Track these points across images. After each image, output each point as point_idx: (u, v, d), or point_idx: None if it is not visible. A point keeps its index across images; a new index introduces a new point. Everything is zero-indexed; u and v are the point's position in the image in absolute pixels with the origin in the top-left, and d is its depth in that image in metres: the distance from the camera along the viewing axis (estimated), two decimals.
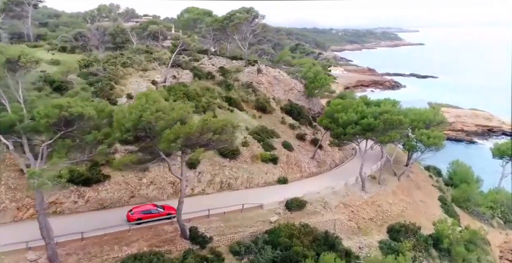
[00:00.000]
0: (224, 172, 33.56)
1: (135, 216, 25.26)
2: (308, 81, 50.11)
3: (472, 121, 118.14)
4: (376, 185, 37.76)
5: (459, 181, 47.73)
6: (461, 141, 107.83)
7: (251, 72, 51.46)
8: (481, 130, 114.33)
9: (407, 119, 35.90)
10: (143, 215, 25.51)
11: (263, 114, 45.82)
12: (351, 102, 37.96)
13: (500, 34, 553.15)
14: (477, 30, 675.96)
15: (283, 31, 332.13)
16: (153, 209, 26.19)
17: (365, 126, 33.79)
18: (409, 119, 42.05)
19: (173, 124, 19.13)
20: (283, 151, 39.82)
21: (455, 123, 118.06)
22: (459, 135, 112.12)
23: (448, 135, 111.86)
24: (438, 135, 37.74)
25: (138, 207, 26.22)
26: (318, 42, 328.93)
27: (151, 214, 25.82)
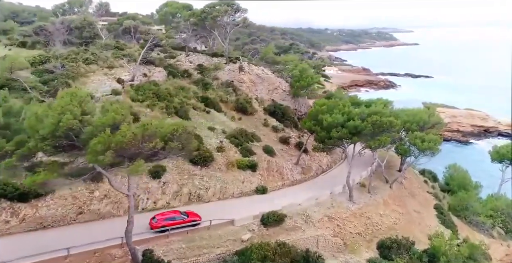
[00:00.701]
0: (194, 181, 29.67)
1: (158, 224, 23.82)
2: (294, 79, 46.39)
3: (467, 122, 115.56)
4: (366, 194, 34.11)
5: (457, 187, 44.35)
6: (457, 141, 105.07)
7: (232, 70, 47.66)
8: (477, 131, 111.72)
9: (399, 120, 32.34)
10: (167, 222, 24.02)
11: (244, 115, 42.01)
12: (336, 102, 34.30)
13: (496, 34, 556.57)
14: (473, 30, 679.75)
15: (277, 31, 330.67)
16: (177, 216, 24.81)
17: (351, 129, 30.14)
18: (402, 120, 38.59)
19: (103, 130, 15.21)
20: (264, 156, 36.02)
21: (450, 124, 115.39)
22: (455, 135, 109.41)
23: (444, 136, 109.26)
24: (434, 138, 34.22)
25: (161, 214, 24.76)
26: (313, 42, 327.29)
27: (175, 221, 24.36)
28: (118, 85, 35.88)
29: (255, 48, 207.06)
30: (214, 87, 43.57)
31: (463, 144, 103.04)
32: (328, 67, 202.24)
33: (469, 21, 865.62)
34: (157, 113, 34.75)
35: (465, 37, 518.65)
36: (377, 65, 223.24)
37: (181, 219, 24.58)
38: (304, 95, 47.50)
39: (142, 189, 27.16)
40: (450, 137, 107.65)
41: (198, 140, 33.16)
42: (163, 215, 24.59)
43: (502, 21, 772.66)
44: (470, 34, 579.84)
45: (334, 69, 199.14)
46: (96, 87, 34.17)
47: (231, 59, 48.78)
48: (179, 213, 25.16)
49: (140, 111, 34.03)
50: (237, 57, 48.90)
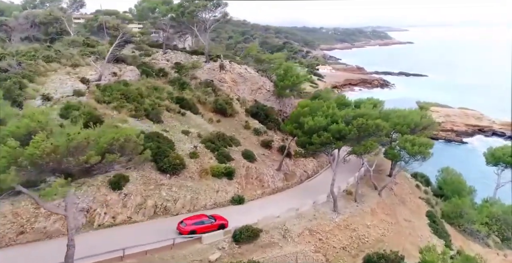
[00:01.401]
0: (161, 192, 26.70)
1: (187, 228, 23.48)
2: (278, 78, 43.54)
3: (462, 121, 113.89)
4: (352, 203, 31.42)
5: (450, 192, 41.92)
6: (451, 141, 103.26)
7: (213, 68, 44.65)
8: (471, 130, 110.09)
9: (387, 123, 29.72)
10: (196, 226, 23.71)
11: (223, 117, 39.10)
12: (320, 103, 31.53)
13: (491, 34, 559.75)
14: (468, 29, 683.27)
15: (272, 29, 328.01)
16: (205, 220, 24.47)
17: (335, 133, 27.40)
18: (392, 122, 36.06)
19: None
20: (243, 162, 33.17)
21: (444, 123, 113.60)
22: (449, 135, 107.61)
23: (438, 136, 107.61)
24: (425, 142, 31.66)
25: (189, 219, 24.46)
26: (307, 40, 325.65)
27: (204, 225, 24.06)
28: (82, 85, 32.76)
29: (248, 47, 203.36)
30: (191, 87, 40.57)
31: (458, 144, 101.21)
32: (322, 66, 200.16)
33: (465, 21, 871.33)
34: (125, 116, 31.76)
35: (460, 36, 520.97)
36: (371, 63, 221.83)
37: (209, 223, 24.36)
38: (289, 95, 44.71)
39: (99, 202, 24.15)
40: (444, 137, 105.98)
41: (169, 145, 30.36)
42: (191, 219, 24.34)
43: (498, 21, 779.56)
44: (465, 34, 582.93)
45: (328, 68, 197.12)
46: (56, 87, 31.02)
47: (212, 57, 45.77)
48: (207, 217, 24.89)
49: (105, 114, 31.01)
50: (218, 55, 45.92)
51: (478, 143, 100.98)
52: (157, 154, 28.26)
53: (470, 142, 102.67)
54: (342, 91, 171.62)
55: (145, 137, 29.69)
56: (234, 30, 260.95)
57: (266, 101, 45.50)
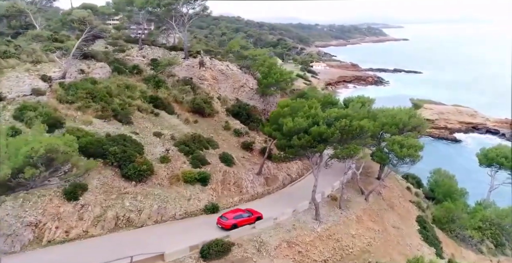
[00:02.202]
0: (124, 202, 24.19)
1: (229, 222, 24.30)
2: (261, 76, 41.04)
3: (455, 118, 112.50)
4: (336, 210, 29.21)
5: (442, 195, 39.98)
6: (444, 139, 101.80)
7: (192, 65, 41.99)
8: (465, 128, 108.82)
9: (374, 123, 27.47)
10: (237, 220, 24.62)
11: (201, 117, 36.58)
12: (302, 103, 29.10)
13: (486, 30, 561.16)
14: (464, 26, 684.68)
15: (266, 26, 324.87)
16: (243, 213, 25.51)
17: (316, 136, 25.05)
18: (380, 122, 33.84)
19: None
20: (220, 166, 30.77)
21: (438, 120, 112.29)
22: (442, 133, 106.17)
23: (431, 133, 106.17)
24: (414, 143, 29.46)
25: (229, 213, 25.35)
26: (302, 37, 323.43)
27: (243, 218, 25.03)
28: (43, 84, 29.96)
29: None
30: (168, 85, 37.92)
31: (451, 142, 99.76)
32: (316, 62, 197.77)
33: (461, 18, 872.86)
34: (90, 117, 29.13)
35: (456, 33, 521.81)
36: (366, 60, 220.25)
37: (247, 216, 25.25)
38: (273, 93, 42.25)
39: (50, 215, 21.60)
40: (438, 135, 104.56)
41: (137, 149, 27.81)
42: (231, 213, 25.24)
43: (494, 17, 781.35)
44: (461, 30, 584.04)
45: (322, 65, 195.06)
46: (11, 86, 28.20)
47: (192, 53, 43.05)
48: (243, 211, 25.84)
49: (67, 115, 28.37)
50: (198, 51, 43.23)
51: (472, 141, 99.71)
52: (122, 159, 25.77)
53: (464, 140, 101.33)
54: (336, 88, 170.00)
55: (109, 140, 27.51)
56: (228, 26, 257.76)
57: (250, 100, 43.04)
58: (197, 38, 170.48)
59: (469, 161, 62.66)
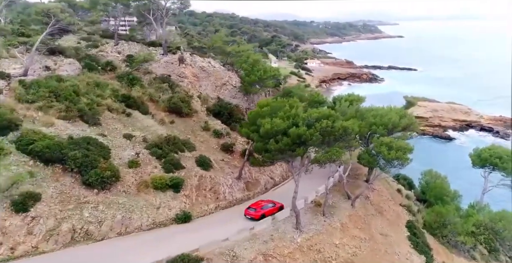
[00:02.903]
0: (83, 212, 21.91)
1: (259, 213, 25.61)
2: (244, 73, 38.74)
3: (449, 116, 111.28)
4: (320, 217, 27.20)
5: (433, 198, 38.22)
6: (438, 137, 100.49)
7: (171, 62, 39.53)
8: (459, 126, 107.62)
9: (361, 123, 25.45)
10: (265, 210, 26.00)
11: (178, 117, 34.26)
12: (282, 102, 26.93)
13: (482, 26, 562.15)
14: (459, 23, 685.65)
15: (261, 23, 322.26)
16: (269, 204, 26.94)
17: (295, 139, 22.93)
18: (368, 122, 31.86)
19: None
20: (195, 170, 28.57)
21: (432, 118, 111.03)
22: (436, 131, 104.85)
23: (425, 131, 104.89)
24: (403, 146, 27.50)
25: (256, 205, 26.51)
26: (297, 34, 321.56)
27: (269, 208, 26.41)
28: (0, 82, 27.43)
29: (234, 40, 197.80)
30: (143, 83, 35.49)
31: (444, 140, 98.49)
32: (310, 59, 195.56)
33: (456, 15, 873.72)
34: (52, 118, 26.68)
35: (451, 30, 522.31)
36: (361, 57, 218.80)
37: (272, 206, 26.71)
38: (257, 92, 40.00)
39: None
40: (432, 133, 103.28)
41: (102, 153, 25.46)
42: (258, 205, 26.51)
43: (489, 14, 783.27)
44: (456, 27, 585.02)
45: (317, 62, 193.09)
46: None
47: (171, 49, 40.57)
48: (267, 201, 27.21)
49: (26, 116, 25.91)
50: (178, 47, 40.75)
51: (466, 139, 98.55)
52: (83, 164, 23.46)
53: (458, 138, 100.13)
54: (331, 85, 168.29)
55: (71, 143, 25.06)
56: (222, 23, 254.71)
57: (232, 98, 40.76)
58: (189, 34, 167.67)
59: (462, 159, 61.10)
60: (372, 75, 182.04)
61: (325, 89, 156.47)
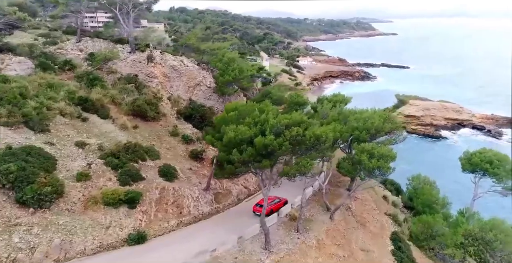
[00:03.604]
0: (11, 237, 18.84)
1: (269, 208, 26.12)
2: (218, 73, 35.76)
3: (441, 114, 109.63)
4: (293, 234, 24.52)
5: (421, 205, 35.87)
6: (429, 137, 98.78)
7: (139, 60, 36.35)
8: (451, 124, 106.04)
9: (333, 132, 22.70)
10: (273, 206, 26.86)
11: (143, 122, 31.23)
12: (252, 106, 24.08)
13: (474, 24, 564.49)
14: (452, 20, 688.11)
15: (253, 20, 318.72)
16: (275, 199, 27.58)
17: (260, 149, 20.14)
18: (350, 127, 29.20)
19: None
20: (157, 182, 25.67)
21: (424, 117, 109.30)
22: (428, 130, 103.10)
23: (417, 131, 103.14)
24: (385, 153, 24.88)
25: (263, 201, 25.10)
26: (290, 31, 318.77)
27: (275, 204, 27.30)
28: None
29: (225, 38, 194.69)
30: (105, 84, 32.32)
31: (436, 140, 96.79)
32: (302, 57, 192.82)
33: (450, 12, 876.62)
34: None
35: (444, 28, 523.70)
36: (354, 55, 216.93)
37: (278, 201, 27.64)
38: (233, 93, 37.06)
39: None
40: (423, 132, 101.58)
41: (44, 164, 22.36)
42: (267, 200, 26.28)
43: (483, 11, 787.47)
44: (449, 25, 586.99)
45: (309, 60, 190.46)
46: None
47: (140, 47, 37.36)
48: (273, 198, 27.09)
49: None
50: (147, 44, 37.57)
51: (458, 138, 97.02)
52: (17, 179, 20.38)
53: (450, 137, 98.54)
54: (323, 83, 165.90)
55: (6, 155, 21.95)
56: (213, 20, 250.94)
57: (207, 100, 37.79)
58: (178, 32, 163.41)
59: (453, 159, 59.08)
60: (364, 73, 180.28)
61: (317, 87, 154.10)
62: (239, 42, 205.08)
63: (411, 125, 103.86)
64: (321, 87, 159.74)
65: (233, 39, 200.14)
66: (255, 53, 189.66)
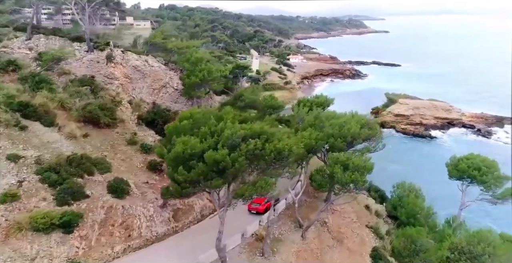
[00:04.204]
0: None
1: (263, 206, 26.89)
2: (185, 74, 32.55)
3: (431, 113, 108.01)
4: (257, 258, 21.63)
5: (405, 216, 33.35)
6: (419, 136, 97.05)
7: (97, 60, 32.91)
8: (440, 123, 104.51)
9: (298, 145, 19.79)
10: (266, 204, 27.00)
11: (96, 129, 27.90)
12: (210, 113, 21.03)
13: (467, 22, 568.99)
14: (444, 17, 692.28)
15: (244, 17, 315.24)
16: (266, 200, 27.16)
17: (211, 166, 17.13)
18: (325, 134, 26.39)
19: None
20: (104, 200, 22.50)
21: (413, 116, 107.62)
22: (417, 129, 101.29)
23: (406, 130, 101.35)
24: (361, 164, 22.14)
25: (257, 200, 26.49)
26: (281, 29, 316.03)
27: (269, 202, 26.79)
28: None
29: (213, 35, 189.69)
30: (54, 87, 28.84)
31: (425, 140, 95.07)
32: (293, 55, 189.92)
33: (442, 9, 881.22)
34: None
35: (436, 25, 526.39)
36: (346, 53, 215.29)
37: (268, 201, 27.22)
38: (202, 95, 33.94)
39: None
40: (413, 131, 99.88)
41: None
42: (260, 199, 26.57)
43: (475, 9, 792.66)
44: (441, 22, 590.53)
45: (299, 58, 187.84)
46: None
47: (99, 45, 33.88)
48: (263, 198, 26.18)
49: None
50: (107, 43, 34.11)
51: (448, 138, 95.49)
52: None
53: (439, 136, 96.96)
54: (313, 82, 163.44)
55: None
56: (203, 18, 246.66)
57: (174, 103, 34.61)
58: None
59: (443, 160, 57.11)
60: (355, 71, 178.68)
61: (307, 86, 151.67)
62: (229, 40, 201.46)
63: (400, 124, 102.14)
64: (311, 86, 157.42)
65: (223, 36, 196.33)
66: (245, 51, 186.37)
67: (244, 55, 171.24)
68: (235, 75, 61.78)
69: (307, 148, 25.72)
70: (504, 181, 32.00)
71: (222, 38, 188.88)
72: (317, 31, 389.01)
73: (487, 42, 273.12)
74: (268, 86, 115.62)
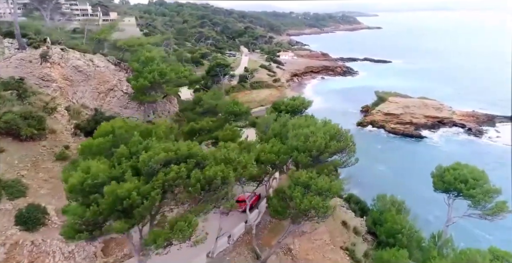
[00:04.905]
0: None
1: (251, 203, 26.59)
2: (133, 75, 28.15)
3: (421, 112, 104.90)
4: None
5: (385, 235, 29.63)
6: (409, 136, 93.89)
7: (29, 59, 28.27)
8: (431, 123, 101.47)
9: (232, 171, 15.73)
10: (252, 201, 26.86)
11: (15, 143, 23.43)
12: (136, 127, 16.76)
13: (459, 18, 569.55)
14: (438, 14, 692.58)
15: (235, 13, 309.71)
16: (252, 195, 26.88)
17: (114, 203, 12.94)
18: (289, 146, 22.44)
19: None
20: (8, 234, 18.21)
21: (403, 115, 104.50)
22: (407, 129, 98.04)
23: (396, 130, 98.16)
24: (325, 187, 18.14)
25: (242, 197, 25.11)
26: (273, 25, 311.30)
27: (253, 199, 27.39)
28: None
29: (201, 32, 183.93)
30: None
31: (415, 140, 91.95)
32: (283, 52, 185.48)
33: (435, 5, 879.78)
34: None
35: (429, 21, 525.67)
36: (338, 49, 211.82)
37: (254, 196, 27.74)
38: (155, 100, 29.59)
39: None
40: (403, 131, 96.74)
41: None
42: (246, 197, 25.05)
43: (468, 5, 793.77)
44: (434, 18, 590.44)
45: (290, 55, 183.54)
46: None
47: (33, 41, 29.21)
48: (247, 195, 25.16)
49: None
50: (44, 39, 29.47)
51: (438, 138, 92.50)
52: None
53: (430, 136, 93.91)
54: (303, 79, 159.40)
55: None
56: (192, 13, 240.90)
57: (123, 109, 30.23)
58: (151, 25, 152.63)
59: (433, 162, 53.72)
60: (346, 68, 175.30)
61: (297, 84, 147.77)
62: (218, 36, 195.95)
63: (390, 123, 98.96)
64: (301, 83, 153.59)
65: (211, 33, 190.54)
66: (235, 48, 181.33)
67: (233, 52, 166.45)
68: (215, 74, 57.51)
69: (268, 163, 21.82)
70: (494, 195, 28.44)
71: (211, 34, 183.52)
72: (310, 28, 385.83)
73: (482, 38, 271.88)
74: (256, 84, 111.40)
